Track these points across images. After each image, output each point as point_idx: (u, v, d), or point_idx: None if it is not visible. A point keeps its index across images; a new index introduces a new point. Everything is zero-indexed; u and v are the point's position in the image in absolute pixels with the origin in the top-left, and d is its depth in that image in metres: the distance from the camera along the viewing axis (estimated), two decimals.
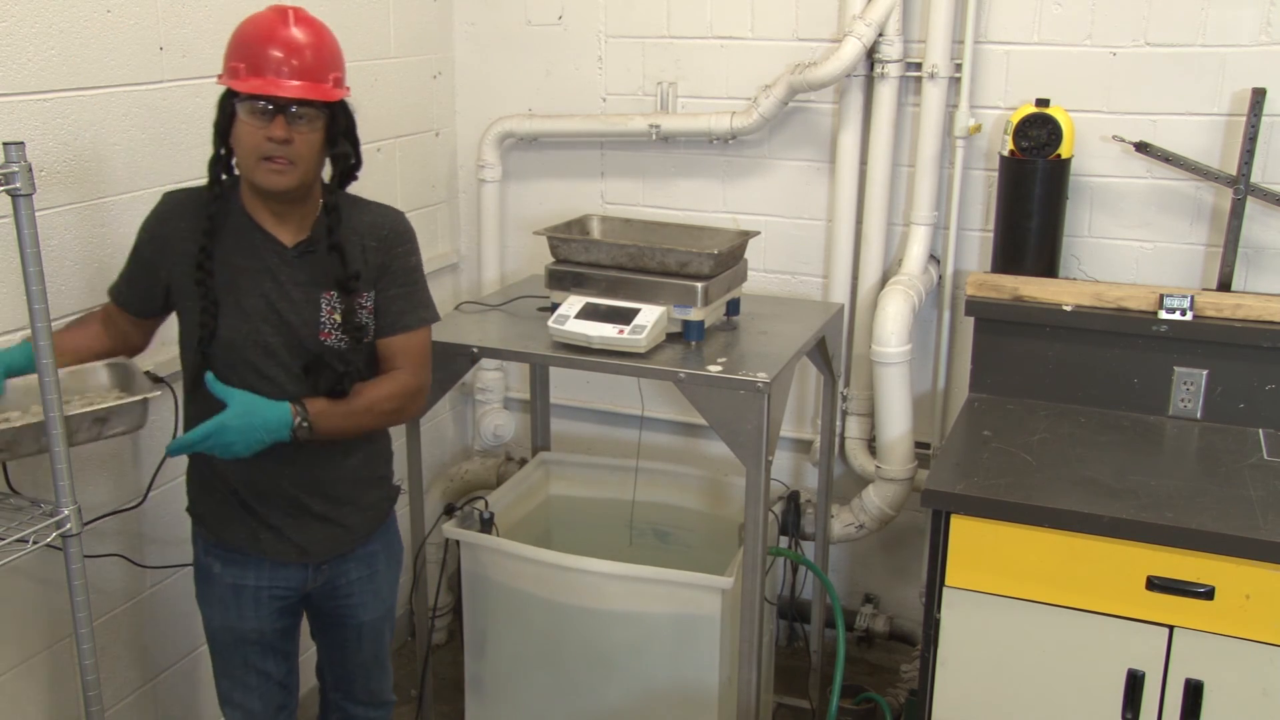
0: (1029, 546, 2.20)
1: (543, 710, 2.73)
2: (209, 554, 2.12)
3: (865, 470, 3.09)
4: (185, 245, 1.97)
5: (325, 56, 1.91)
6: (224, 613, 2.12)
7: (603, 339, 2.40)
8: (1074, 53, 2.74)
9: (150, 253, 2.02)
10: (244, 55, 1.87)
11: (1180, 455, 2.51)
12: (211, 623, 2.15)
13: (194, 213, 1.98)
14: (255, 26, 1.89)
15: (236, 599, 2.11)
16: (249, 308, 1.97)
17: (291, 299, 1.99)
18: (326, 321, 2.00)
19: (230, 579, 2.10)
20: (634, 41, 3.14)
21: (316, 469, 2.05)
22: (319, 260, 1.99)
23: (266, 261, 1.98)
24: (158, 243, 2.01)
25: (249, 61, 1.86)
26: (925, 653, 2.33)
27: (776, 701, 3.09)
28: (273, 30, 1.87)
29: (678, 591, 2.52)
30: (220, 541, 2.10)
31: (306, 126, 1.89)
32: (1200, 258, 2.74)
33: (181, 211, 2.00)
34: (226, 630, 2.13)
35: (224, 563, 2.10)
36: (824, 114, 3.01)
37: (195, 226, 1.97)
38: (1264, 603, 2.07)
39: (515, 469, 3.22)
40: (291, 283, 1.99)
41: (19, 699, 2.21)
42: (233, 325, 1.97)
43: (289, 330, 1.99)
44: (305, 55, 1.87)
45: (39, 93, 2.09)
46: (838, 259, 3.02)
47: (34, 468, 2.15)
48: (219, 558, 2.11)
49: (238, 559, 2.10)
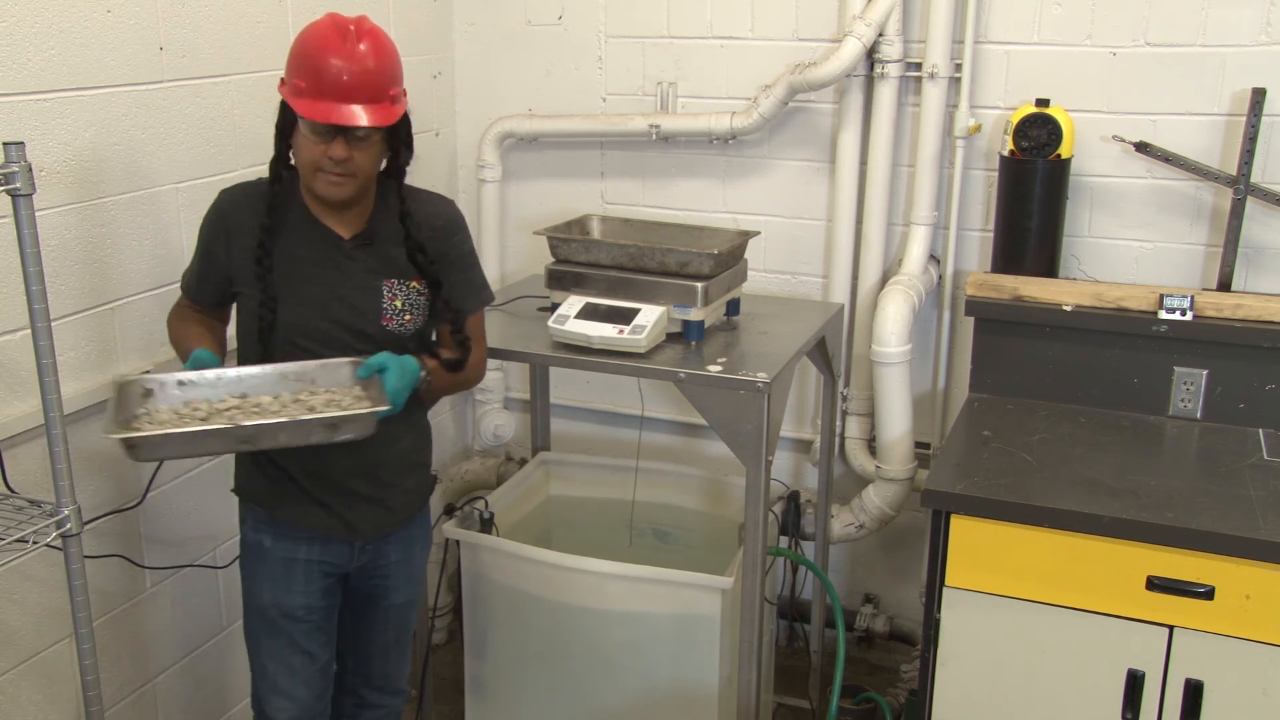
0: (1029, 546, 2.20)
1: (543, 710, 2.73)
2: (259, 531, 2.15)
3: (865, 470, 3.09)
4: (246, 238, 2.02)
5: (386, 74, 1.92)
6: (274, 587, 2.14)
7: (603, 339, 2.40)
8: (1074, 53, 2.74)
9: (217, 246, 2.06)
10: (306, 73, 1.89)
11: (1180, 455, 2.51)
12: (260, 597, 2.16)
13: (253, 206, 2.03)
14: (319, 42, 1.88)
15: (287, 572, 2.14)
16: (309, 297, 2.03)
17: (354, 287, 2.05)
18: (388, 307, 2.07)
19: (282, 553, 2.13)
20: (634, 41, 3.14)
21: (369, 451, 2.08)
22: (377, 249, 2.06)
23: (328, 253, 2.04)
24: (222, 236, 2.05)
25: (310, 81, 1.88)
26: (925, 653, 2.33)
27: (776, 701, 3.09)
28: (336, 48, 1.87)
29: (678, 591, 2.52)
30: (272, 518, 2.13)
31: (367, 144, 1.94)
32: (1200, 258, 2.74)
33: (241, 205, 2.04)
34: (275, 606, 2.15)
35: (275, 537, 2.13)
36: (824, 114, 3.01)
37: (255, 219, 2.02)
38: (1264, 603, 2.07)
39: (515, 469, 3.22)
40: (352, 272, 2.05)
41: (19, 699, 2.21)
42: (293, 314, 2.02)
43: (352, 317, 2.05)
44: (368, 77, 1.89)
45: (39, 93, 2.09)
46: (838, 259, 3.02)
47: (34, 468, 2.15)
48: (270, 533, 2.13)
49: (289, 533, 2.13)
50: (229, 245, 2.04)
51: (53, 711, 2.29)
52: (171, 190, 2.41)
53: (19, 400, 2.12)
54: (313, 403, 1.94)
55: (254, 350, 2.05)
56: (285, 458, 2.07)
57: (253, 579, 2.17)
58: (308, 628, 2.17)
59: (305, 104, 1.88)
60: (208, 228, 2.07)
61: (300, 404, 1.94)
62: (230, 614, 2.73)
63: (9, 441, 2.09)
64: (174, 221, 2.42)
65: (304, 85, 1.88)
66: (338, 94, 1.87)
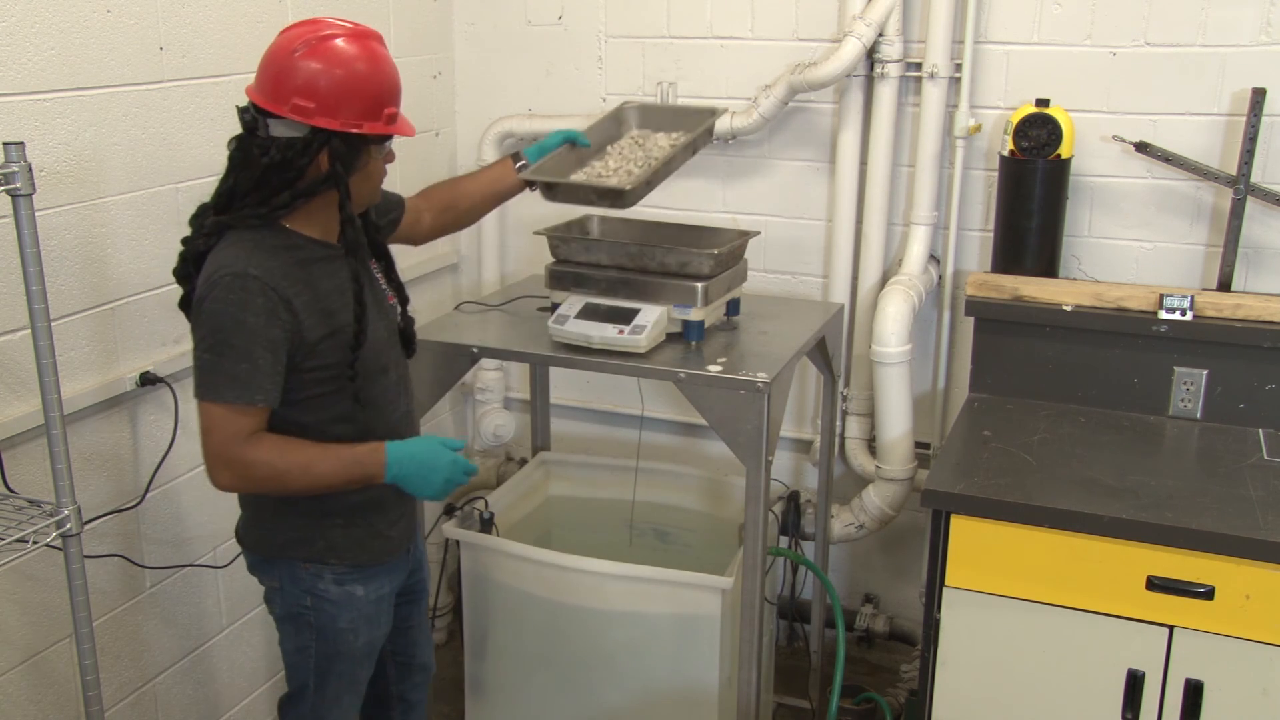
0: (1029, 546, 2.20)
1: (543, 710, 2.73)
2: (345, 583, 2.05)
3: (865, 470, 3.09)
4: (304, 298, 1.87)
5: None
6: (370, 628, 2.11)
7: (603, 339, 2.40)
8: (1074, 53, 2.74)
9: (278, 331, 1.83)
10: (395, 97, 1.89)
11: (1180, 455, 2.51)
12: (355, 644, 2.09)
13: (279, 266, 1.85)
14: (388, 66, 1.88)
15: (377, 610, 2.12)
16: (372, 315, 1.98)
17: (375, 285, 2.07)
18: (386, 288, 2.11)
19: (374, 595, 2.09)
20: (634, 41, 3.14)
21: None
22: (351, 245, 1.95)
23: (350, 266, 1.97)
24: (284, 314, 1.84)
25: (397, 104, 1.90)
26: (925, 653, 2.34)
27: (776, 701, 3.09)
28: (391, 65, 1.89)
29: (678, 591, 2.52)
30: (356, 564, 2.06)
31: None
32: (1200, 258, 2.74)
33: (274, 271, 1.84)
34: (369, 644, 2.12)
35: (364, 581, 2.07)
36: (824, 114, 3.01)
37: (291, 275, 1.86)
38: (1264, 603, 2.07)
39: (515, 469, 3.22)
40: (364, 269, 1.99)
41: (19, 699, 2.21)
42: (370, 339, 1.96)
43: (391, 315, 2.09)
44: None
45: (39, 93, 2.09)
46: (838, 259, 3.02)
47: (34, 468, 2.15)
48: (358, 580, 2.07)
49: (372, 574, 2.09)
50: (295, 318, 1.85)
51: (53, 711, 2.29)
52: (171, 190, 2.41)
53: (19, 400, 2.12)
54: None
55: (338, 411, 1.94)
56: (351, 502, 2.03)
57: (348, 631, 2.08)
58: (374, 657, 2.19)
59: (402, 123, 1.90)
60: (262, 316, 1.81)
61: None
62: (230, 614, 2.73)
63: (9, 441, 2.09)
64: (174, 221, 2.42)
65: (394, 110, 1.88)
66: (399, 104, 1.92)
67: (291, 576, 2.04)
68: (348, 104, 1.82)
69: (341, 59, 1.81)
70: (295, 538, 2.01)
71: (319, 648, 2.08)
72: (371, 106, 1.85)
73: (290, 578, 2.04)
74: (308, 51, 1.81)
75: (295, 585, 2.04)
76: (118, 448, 2.37)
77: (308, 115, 1.80)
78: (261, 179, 1.84)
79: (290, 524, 2.01)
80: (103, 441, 2.33)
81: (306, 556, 2.02)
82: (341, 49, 1.82)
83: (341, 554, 2.03)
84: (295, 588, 2.04)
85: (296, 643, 2.09)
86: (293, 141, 1.82)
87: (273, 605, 2.10)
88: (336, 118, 1.81)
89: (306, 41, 1.81)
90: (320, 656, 2.08)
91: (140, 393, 2.38)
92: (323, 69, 1.80)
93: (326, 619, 2.05)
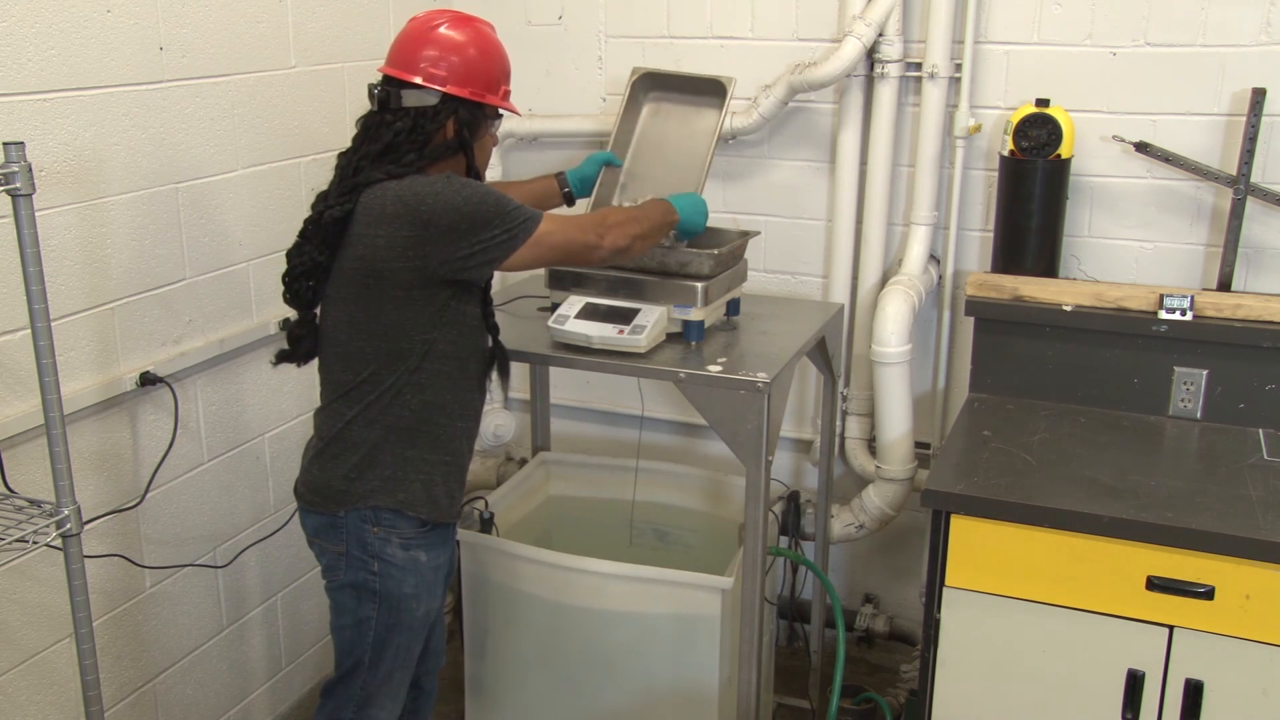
0: (1029, 546, 2.20)
1: (543, 710, 2.73)
2: (411, 548, 2.11)
3: (865, 470, 3.09)
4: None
5: None
6: (429, 598, 2.16)
7: (603, 339, 2.40)
8: (1074, 53, 2.74)
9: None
10: (509, 79, 2.15)
11: (1180, 455, 2.51)
12: (415, 613, 2.14)
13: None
14: (504, 50, 2.14)
15: (435, 578, 2.16)
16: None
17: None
18: None
19: (434, 563, 2.14)
20: (634, 41, 3.14)
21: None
22: None
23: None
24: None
25: (509, 85, 2.15)
26: (925, 653, 2.34)
27: (776, 701, 3.09)
28: (505, 50, 2.15)
29: (678, 591, 2.52)
30: (424, 523, 2.11)
31: None
32: (1200, 258, 2.74)
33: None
34: (426, 615, 2.17)
35: (428, 548, 2.12)
36: (824, 114, 3.01)
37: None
38: (1264, 603, 2.07)
39: (515, 469, 3.22)
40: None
41: (19, 699, 2.21)
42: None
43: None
44: None
45: (39, 93, 2.09)
46: (838, 259, 3.02)
47: (34, 468, 2.15)
48: (423, 545, 2.12)
49: (435, 539, 2.14)
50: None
51: (53, 711, 2.29)
52: (171, 190, 2.41)
53: (19, 400, 2.12)
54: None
55: (478, 341, 2.16)
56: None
57: (411, 597, 2.13)
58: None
59: (513, 102, 2.16)
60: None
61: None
62: (230, 614, 2.73)
63: (9, 441, 2.09)
64: (173, 222, 2.42)
65: (509, 89, 2.14)
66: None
67: (360, 541, 2.09)
68: (476, 76, 2.06)
69: (474, 37, 2.09)
70: (377, 487, 2.08)
71: (380, 617, 2.12)
72: (494, 82, 2.10)
73: (358, 542, 2.09)
74: (449, 25, 2.07)
75: (363, 550, 2.09)
76: (118, 448, 2.37)
77: (442, 83, 2.04)
78: (391, 144, 2.03)
79: (377, 473, 2.08)
80: (103, 441, 2.33)
81: (385, 505, 2.08)
82: (476, 28, 2.10)
83: (416, 507, 2.09)
84: (363, 553, 2.09)
85: (357, 615, 2.12)
86: (424, 109, 2.03)
87: (336, 574, 2.13)
88: (465, 87, 2.05)
89: (446, 19, 2.08)
90: (380, 627, 2.12)
91: (140, 393, 2.38)
92: (459, 43, 2.06)
93: (393, 584, 2.10)
